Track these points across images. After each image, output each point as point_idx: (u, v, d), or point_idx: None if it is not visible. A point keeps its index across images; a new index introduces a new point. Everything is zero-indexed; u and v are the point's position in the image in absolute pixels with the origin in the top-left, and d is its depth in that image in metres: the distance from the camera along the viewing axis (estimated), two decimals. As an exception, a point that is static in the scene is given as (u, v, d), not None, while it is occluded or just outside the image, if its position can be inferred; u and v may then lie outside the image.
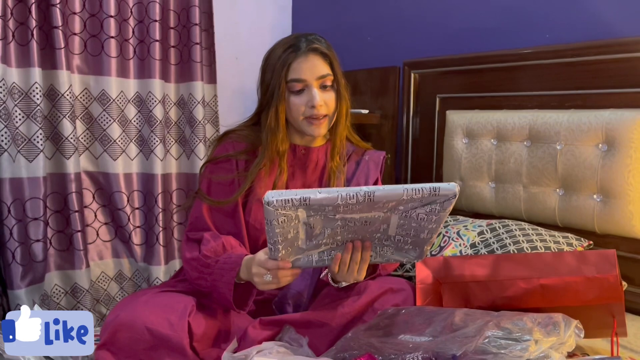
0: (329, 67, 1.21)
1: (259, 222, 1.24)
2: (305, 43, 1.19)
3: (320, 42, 1.22)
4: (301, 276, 1.23)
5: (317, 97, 1.18)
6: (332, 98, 1.22)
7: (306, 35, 1.22)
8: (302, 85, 1.19)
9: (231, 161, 1.25)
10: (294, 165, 1.29)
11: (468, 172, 1.75)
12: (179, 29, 2.01)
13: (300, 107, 1.20)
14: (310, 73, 1.19)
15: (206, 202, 1.22)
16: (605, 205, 1.44)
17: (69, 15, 1.82)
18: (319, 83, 1.20)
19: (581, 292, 1.04)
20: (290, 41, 1.21)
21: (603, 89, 1.49)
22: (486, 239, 1.46)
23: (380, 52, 2.21)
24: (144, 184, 1.98)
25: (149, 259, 1.97)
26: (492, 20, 1.83)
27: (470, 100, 1.82)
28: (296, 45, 1.19)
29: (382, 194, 0.87)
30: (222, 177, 1.24)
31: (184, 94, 2.04)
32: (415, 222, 0.94)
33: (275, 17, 2.52)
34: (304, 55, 1.18)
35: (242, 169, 1.25)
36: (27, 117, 1.70)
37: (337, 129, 1.26)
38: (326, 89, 1.21)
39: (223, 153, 1.26)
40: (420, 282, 1.15)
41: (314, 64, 1.19)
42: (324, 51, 1.20)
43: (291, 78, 1.19)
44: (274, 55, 1.21)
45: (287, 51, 1.19)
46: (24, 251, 1.71)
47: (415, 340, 0.91)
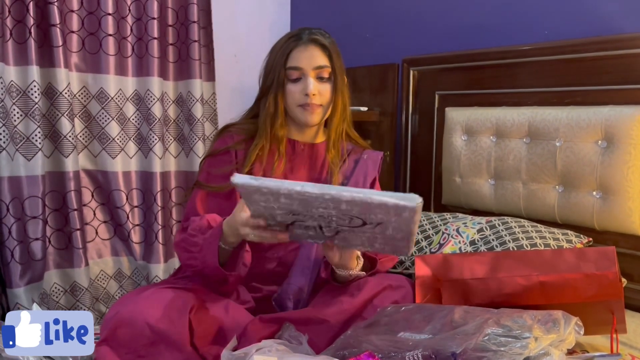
0: (327, 59, 1.23)
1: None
2: (308, 34, 1.23)
3: (324, 35, 1.25)
4: (301, 272, 1.24)
5: (311, 86, 1.21)
6: (327, 89, 1.24)
7: (311, 29, 1.25)
8: (299, 73, 1.22)
9: (230, 153, 1.27)
10: (294, 159, 1.30)
11: (467, 169, 1.75)
12: (177, 26, 2.00)
13: (295, 95, 1.23)
14: (307, 62, 1.21)
15: (204, 188, 1.24)
16: (605, 202, 1.44)
17: (67, 13, 1.81)
18: (316, 73, 1.22)
19: (580, 289, 1.04)
20: (295, 32, 1.25)
21: (602, 85, 1.49)
22: (485, 236, 1.46)
23: (379, 49, 2.21)
24: (143, 182, 1.98)
25: (148, 257, 1.97)
26: (491, 17, 1.82)
27: (469, 97, 1.82)
28: (298, 35, 1.23)
29: (346, 198, 0.85)
30: (221, 170, 1.25)
31: (183, 91, 2.04)
32: (384, 229, 0.92)
33: (274, 15, 2.52)
34: (304, 44, 1.22)
35: (241, 159, 1.26)
36: (26, 116, 1.70)
37: (333, 122, 1.28)
38: (323, 80, 1.23)
39: (222, 146, 1.28)
40: (419, 279, 1.15)
41: (312, 54, 1.22)
42: (323, 43, 1.23)
43: (289, 65, 1.22)
44: (278, 45, 1.25)
45: (289, 40, 1.23)
46: (23, 250, 1.70)
47: (415, 338, 0.91)
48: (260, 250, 1.26)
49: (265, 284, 1.28)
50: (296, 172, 1.30)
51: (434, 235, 1.54)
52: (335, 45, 1.26)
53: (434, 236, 1.54)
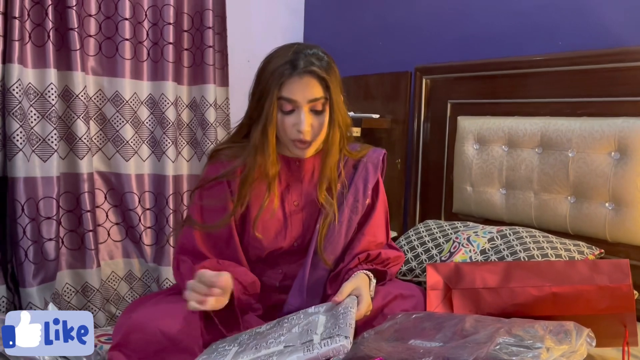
0: (323, 90, 1.13)
1: (258, 241, 1.22)
2: (303, 62, 1.11)
3: (321, 61, 1.14)
4: (298, 292, 1.21)
5: (304, 123, 1.12)
6: (322, 122, 1.15)
7: (306, 51, 1.14)
8: (292, 106, 1.13)
9: (222, 183, 1.21)
10: (289, 178, 1.25)
11: (479, 178, 1.75)
12: (192, 32, 2.02)
13: (287, 128, 1.14)
14: (302, 95, 1.12)
15: (197, 228, 1.18)
16: (617, 214, 1.43)
17: (85, 17, 1.84)
18: (310, 106, 1.13)
19: (593, 301, 1.04)
20: (289, 55, 1.13)
21: (616, 97, 1.49)
22: (496, 246, 1.46)
23: (392, 57, 2.22)
24: (156, 185, 1.99)
25: (159, 259, 1.98)
26: (504, 27, 1.83)
27: (481, 107, 1.82)
28: (293, 62, 1.12)
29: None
30: (213, 202, 1.19)
31: (196, 96, 2.06)
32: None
33: (288, 21, 2.54)
34: (299, 75, 1.11)
35: (235, 189, 1.20)
36: (42, 118, 1.73)
37: (327, 159, 1.19)
38: (318, 113, 1.15)
39: (213, 175, 1.21)
40: (430, 287, 1.15)
41: (308, 85, 1.12)
42: (320, 74, 1.12)
43: (282, 96, 1.12)
44: (270, 67, 1.14)
45: (283, 67, 1.12)
46: (37, 250, 1.72)
47: (426, 346, 0.91)
48: (266, 265, 1.25)
49: (274, 293, 1.27)
50: (293, 190, 1.25)
51: (445, 244, 1.54)
52: (333, 69, 1.16)
53: (445, 244, 1.54)
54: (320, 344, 0.92)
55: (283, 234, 1.23)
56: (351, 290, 1.09)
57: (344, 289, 1.08)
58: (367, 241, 1.24)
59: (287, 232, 1.24)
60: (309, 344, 0.94)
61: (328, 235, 1.22)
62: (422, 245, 1.58)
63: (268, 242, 1.22)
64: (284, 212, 1.23)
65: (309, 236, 1.24)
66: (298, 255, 1.25)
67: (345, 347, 0.92)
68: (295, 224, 1.24)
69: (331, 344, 0.91)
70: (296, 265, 1.25)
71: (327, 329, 0.98)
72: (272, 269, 1.26)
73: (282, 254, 1.25)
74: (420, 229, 1.67)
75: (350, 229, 1.24)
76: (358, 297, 1.09)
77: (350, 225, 1.23)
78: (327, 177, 1.21)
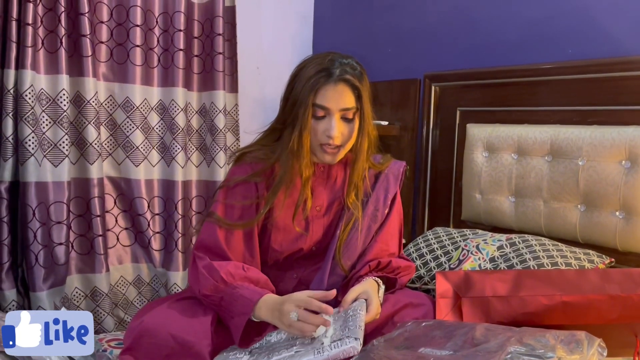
0: (355, 100, 1.17)
1: (278, 244, 1.24)
2: (339, 70, 1.15)
3: (355, 70, 1.18)
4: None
5: (335, 129, 1.16)
6: (352, 130, 1.19)
7: (342, 59, 1.18)
8: (324, 112, 1.17)
9: (249, 184, 1.23)
10: (314, 182, 1.27)
11: (488, 185, 1.75)
12: (202, 38, 2.04)
13: (318, 133, 1.18)
14: (335, 103, 1.16)
15: (223, 225, 1.19)
16: (628, 223, 1.42)
17: (97, 24, 1.86)
18: (341, 114, 1.17)
19: (604, 311, 1.03)
20: (324, 63, 1.16)
21: (626, 105, 1.48)
22: (506, 254, 1.45)
23: (401, 64, 2.22)
24: (165, 190, 2.00)
25: (168, 264, 1.99)
26: (514, 35, 1.83)
27: (491, 114, 1.82)
28: (329, 70, 1.15)
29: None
30: (239, 202, 1.21)
31: (206, 102, 2.07)
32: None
33: (297, 29, 2.55)
34: (334, 83, 1.15)
35: (262, 191, 1.22)
36: (54, 123, 1.74)
37: (356, 165, 1.23)
38: (348, 121, 1.18)
39: (240, 175, 1.23)
40: (440, 295, 1.15)
41: (341, 94, 1.16)
42: (354, 84, 1.16)
43: (316, 103, 1.16)
44: (305, 74, 1.17)
45: (318, 74, 1.15)
46: (47, 254, 1.74)
47: (436, 354, 0.91)
48: (281, 270, 1.27)
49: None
50: (317, 195, 1.27)
51: (454, 252, 1.54)
52: (365, 79, 1.20)
53: (454, 252, 1.54)
54: (330, 346, 0.93)
55: (304, 237, 1.26)
56: (358, 294, 1.11)
57: (351, 293, 1.10)
58: (379, 248, 1.25)
59: (309, 235, 1.26)
60: (320, 347, 0.94)
61: (347, 241, 1.24)
62: (430, 253, 1.58)
63: (289, 243, 1.24)
64: (307, 216, 1.26)
65: (328, 241, 1.27)
66: (313, 260, 1.27)
67: (355, 348, 0.92)
68: (316, 228, 1.27)
69: (341, 345, 0.92)
70: (311, 271, 1.27)
71: (336, 332, 0.99)
72: (287, 273, 1.27)
73: (298, 259, 1.27)
74: (429, 236, 1.67)
75: (367, 237, 1.26)
76: (367, 300, 1.10)
77: (368, 233, 1.26)
78: (355, 183, 1.24)
